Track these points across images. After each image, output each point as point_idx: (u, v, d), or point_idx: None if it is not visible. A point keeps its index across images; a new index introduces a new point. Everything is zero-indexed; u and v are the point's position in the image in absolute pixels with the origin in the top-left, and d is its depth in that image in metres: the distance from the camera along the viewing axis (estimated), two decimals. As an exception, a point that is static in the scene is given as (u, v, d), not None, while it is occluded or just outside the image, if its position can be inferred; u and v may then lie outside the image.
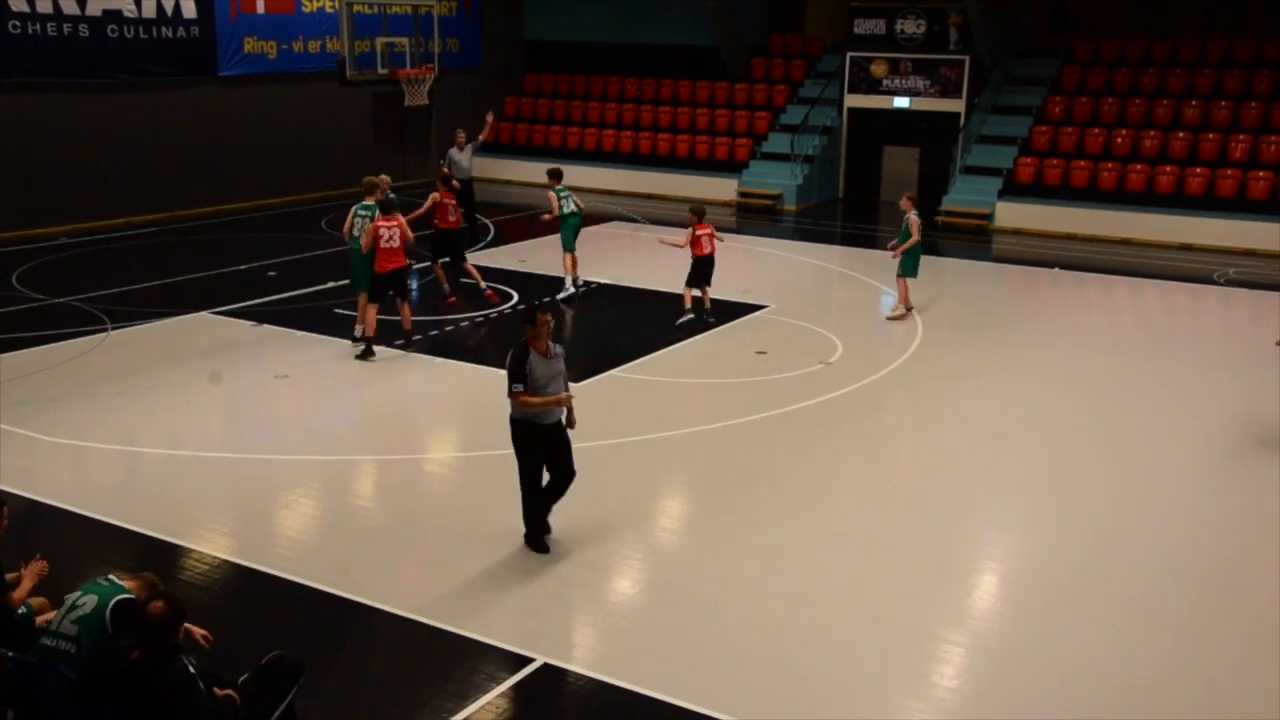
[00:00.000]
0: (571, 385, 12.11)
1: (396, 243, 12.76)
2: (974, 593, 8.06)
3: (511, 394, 7.98)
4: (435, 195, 15.14)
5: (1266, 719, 6.54)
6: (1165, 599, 7.93)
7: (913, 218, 15.31)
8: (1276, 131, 21.53)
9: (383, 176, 14.12)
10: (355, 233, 13.21)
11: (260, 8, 22.53)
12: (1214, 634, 7.46)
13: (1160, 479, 10.10)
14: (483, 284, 15.35)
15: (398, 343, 13.47)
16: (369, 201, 13.30)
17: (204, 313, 14.72)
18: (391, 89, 24.76)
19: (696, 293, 14.82)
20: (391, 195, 13.59)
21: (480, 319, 14.82)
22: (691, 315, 14.54)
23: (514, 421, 8.19)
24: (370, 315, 12.99)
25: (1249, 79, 22.60)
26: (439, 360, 13.03)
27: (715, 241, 14.74)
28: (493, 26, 28.12)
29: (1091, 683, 6.83)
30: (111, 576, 5.61)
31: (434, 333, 14.05)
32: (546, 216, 16.07)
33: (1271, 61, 22.77)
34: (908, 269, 15.42)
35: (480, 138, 20.61)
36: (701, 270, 14.68)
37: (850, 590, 7.92)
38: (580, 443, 10.35)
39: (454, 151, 19.68)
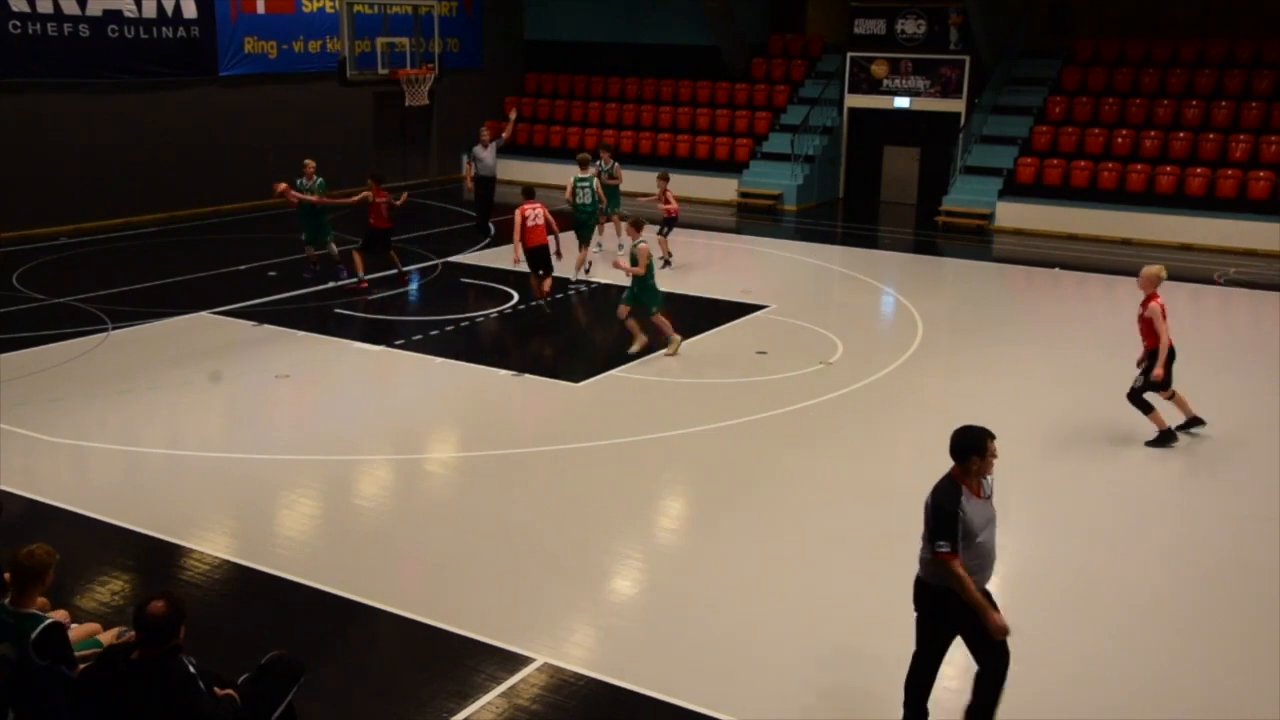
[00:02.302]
0: (572, 385, 12.16)
1: (540, 221, 14.77)
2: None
3: (937, 554, 5.81)
4: (367, 193, 16.05)
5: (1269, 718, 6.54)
6: (1164, 598, 7.92)
7: (641, 246, 13.12)
8: (1276, 132, 21.52)
9: (601, 152, 18.10)
10: (577, 200, 16.76)
11: (260, 8, 22.54)
12: (1214, 634, 7.46)
13: (1161, 479, 10.10)
14: (400, 269, 16.50)
15: (398, 342, 13.48)
16: (583, 174, 16.93)
17: (204, 313, 14.73)
18: (392, 89, 24.75)
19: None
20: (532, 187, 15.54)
21: (481, 318, 14.82)
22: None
23: (926, 586, 5.97)
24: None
25: (1249, 79, 22.59)
26: (439, 360, 13.03)
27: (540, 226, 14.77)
28: (493, 26, 28.13)
29: (1091, 682, 6.83)
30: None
31: (434, 332, 14.06)
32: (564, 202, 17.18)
33: (1271, 62, 22.76)
34: (648, 299, 13.12)
35: (504, 135, 20.75)
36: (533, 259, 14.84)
37: (850, 591, 7.92)
38: (581, 443, 10.38)
39: (478, 149, 19.89)
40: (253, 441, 10.51)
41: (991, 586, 6.02)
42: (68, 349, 13.05)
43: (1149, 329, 10.65)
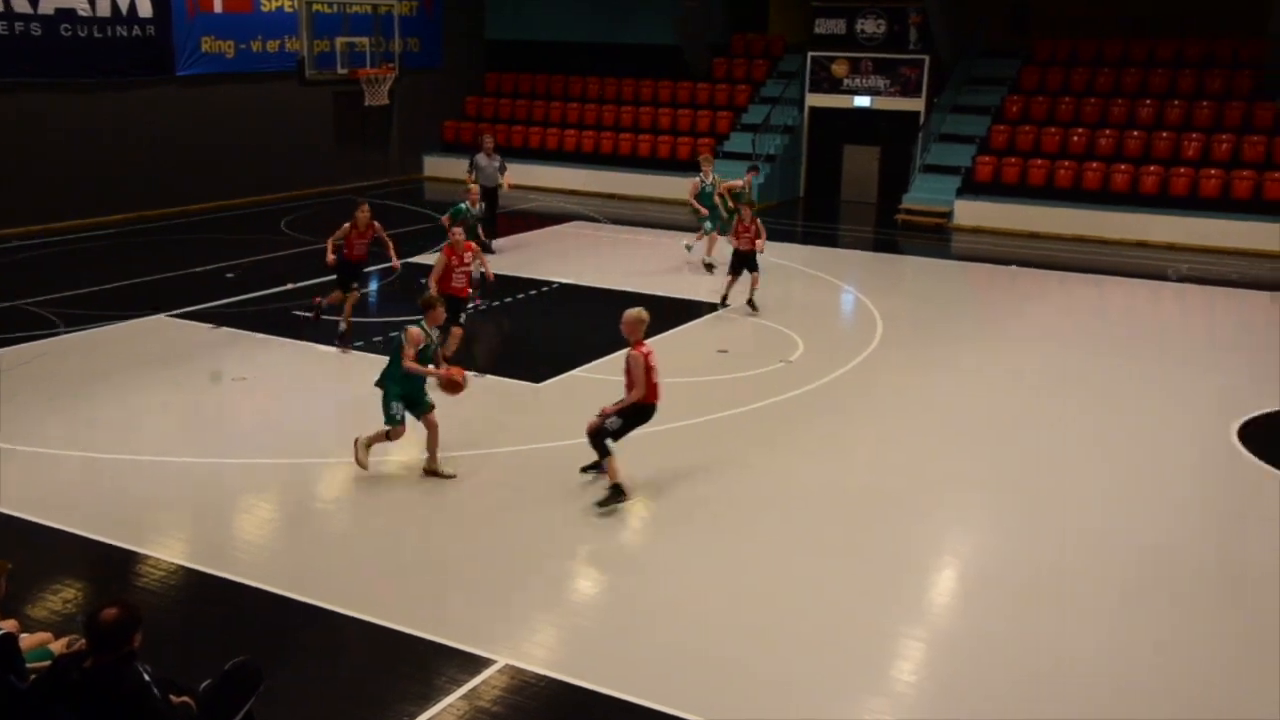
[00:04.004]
0: (534, 385, 12.17)
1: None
2: (935, 590, 8.13)
3: None
4: (347, 226, 13.60)
5: (1256, 718, 6.64)
6: (1128, 593, 8.02)
7: (411, 330, 9.65)
8: (1227, 130, 21.88)
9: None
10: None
11: (218, 7, 22.30)
12: (1184, 628, 7.57)
13: (1122, 473, 10.23)
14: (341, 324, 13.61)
15: (358, 344, 13.39)
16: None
17: (161, 315, 14.55)
18: (352, 89, 24.60)
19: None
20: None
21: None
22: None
23: None
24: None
25: (1200, 79, 22.96)
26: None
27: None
28: (454, 26, 28.01)
29: (1059, 678, 6.91)
30: None
31: (395, 334, 13.94)
32: None
33: (1223, 61, 23.15)
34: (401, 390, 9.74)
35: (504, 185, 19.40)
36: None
37: (813, 589, 7.96)
38: (542, 443, 10.36)
39: (480, 158, 19.29)
40: (210, 445, 10.40)
41: (952, 583, 6.08)
42: (17, 354, 12.83)
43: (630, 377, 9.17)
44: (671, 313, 15.10)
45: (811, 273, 18.50)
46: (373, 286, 16.57)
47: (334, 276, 13.70)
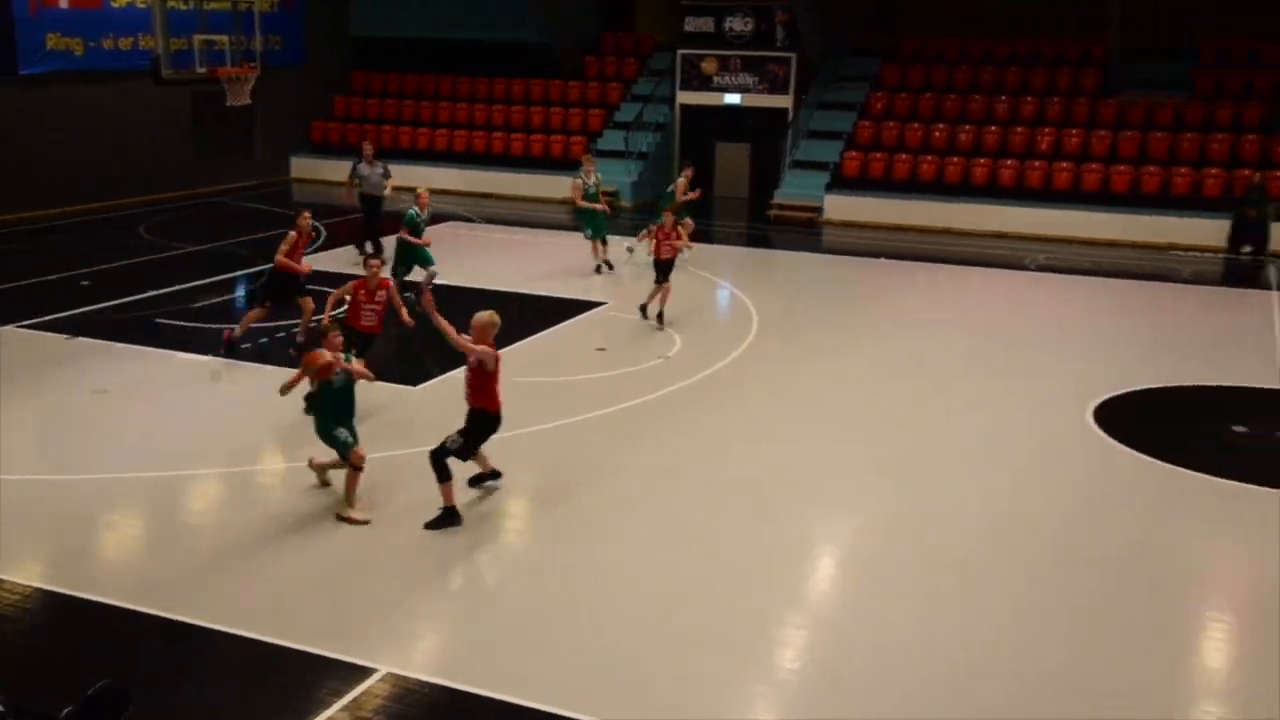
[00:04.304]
0: (409, 389, 12.02)
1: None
2: (813, 577, 8.31)
3: None
4: (293, 235, 13.07)
5: (1095, 680, 6.95)
6: (988, 567, 8.33)
7: None
8: (1076, 125, 22.89)
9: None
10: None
11: (63, 2, 21.29)
12: (1037, 597, 7.88)
13: (983, 455, 10.60)
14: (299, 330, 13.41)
15: (225, 351, 12.96)
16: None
17: (10, 326, 13.84)
18: (212, 88, 23.68)
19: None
20: None
21: (314, 323, 14.38)
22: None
23: None
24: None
25: (1052, 76, 23.97)
26: (270, 368, 12.59)
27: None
28: (317, 23, 27.34)
29: (928, 654, 7.13)
30: None
31: (264, 340, 13.59)
32: None
33: (1070, 60, 24.22)
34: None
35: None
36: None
37: (694, 582, 8.03)
38: (419, 446, 10.20)
39: (362, 165, 18.04)
40: (69, 461, 9.94)
41: (829, 570, 6.20)
42: None
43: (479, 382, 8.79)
44: (552, 312, 15.07)
45: (688, 269, 18.66)
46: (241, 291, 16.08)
47: (263, 290, 13.20)
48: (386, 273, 12.82)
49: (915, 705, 6.58)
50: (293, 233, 13.02)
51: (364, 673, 6.74)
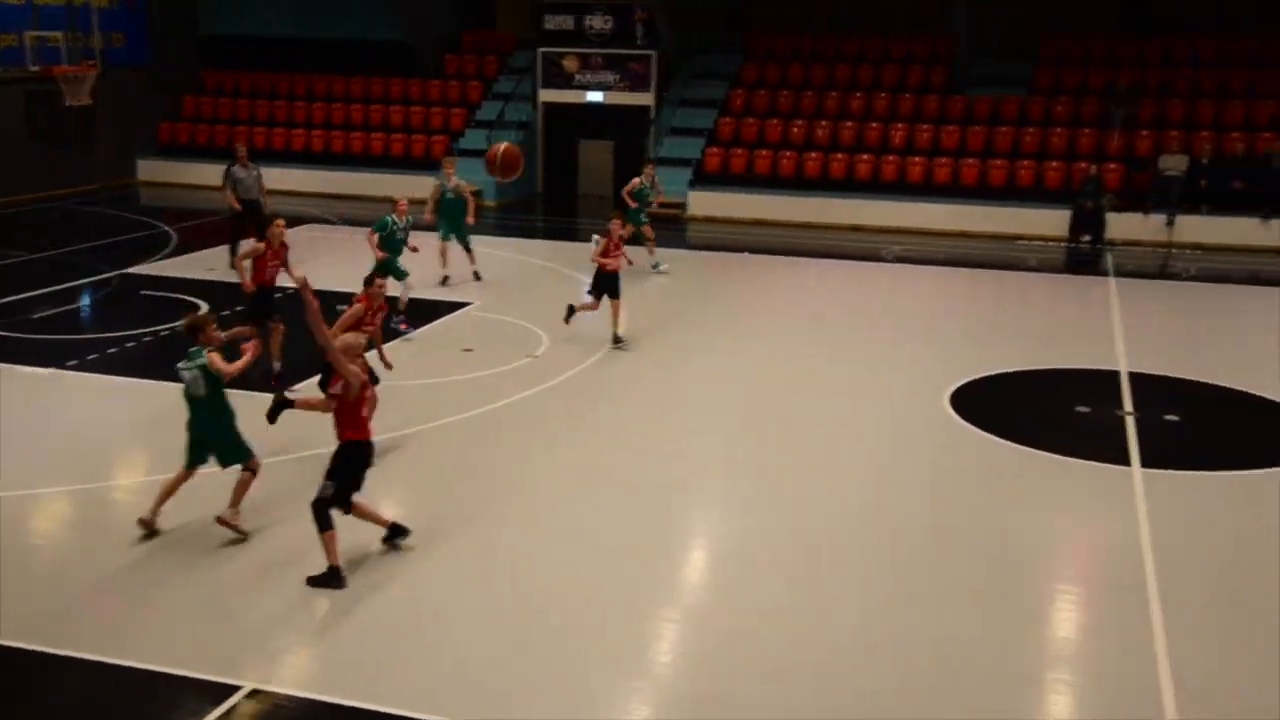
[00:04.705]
0: (269, 396, 11.60)
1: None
2: (685, 571, 8.38)
3: None
4: (260, 245, 12.06)
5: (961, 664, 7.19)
6: (864, 556, 8.55)
7: None
8: (927, 121, 23.69)
9: None
10: None
11: (-121, -4, 20.00)
12: (904, 581, 8.13)
13: (846, 442, 10.88)
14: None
15: (70, 363, 12.35)
16: None
17: None
18: (49, 88, 22.62)
19: None
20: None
21: (166, 332, 13.84)
22: None
23: None
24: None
25: (904, 73, 24.76)
26: (120, 379, 12.06)
27: None
28: (164, 20, 26.30)
29: (805, 638, 7.27)
30: None
31: (113, 350, 13.00)
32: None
33: (919, 58, 25.06)
34: None
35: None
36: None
37: (568, 581, 8.01)
38: (285, 455, 9.92)
39: (237, 169, 17.07)
40: (-102, 485, 9.32)
41: (702, 564, 6.25)
42: None
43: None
44: (413, 313, 14.82)
45: (553, 267, 18.64)
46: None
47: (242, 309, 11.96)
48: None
49: (788, 692, 6.70)
50: (260, 244, 11.84)
51: (228, 690, 6.51)
